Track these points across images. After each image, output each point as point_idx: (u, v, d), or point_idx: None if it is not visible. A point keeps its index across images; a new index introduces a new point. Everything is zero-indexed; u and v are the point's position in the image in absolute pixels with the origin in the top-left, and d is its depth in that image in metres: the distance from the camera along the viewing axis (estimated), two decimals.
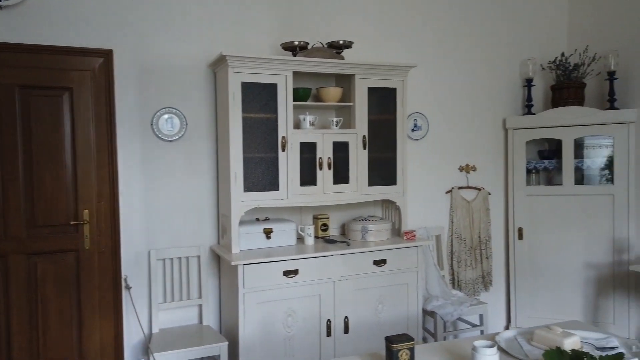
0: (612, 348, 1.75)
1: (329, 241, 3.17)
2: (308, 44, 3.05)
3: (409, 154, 3.57)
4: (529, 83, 3.76)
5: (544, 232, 3.71)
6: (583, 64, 3.59)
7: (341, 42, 3.08)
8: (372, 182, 3.20)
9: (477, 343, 1.57)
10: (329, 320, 2.92)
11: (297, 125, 3.06)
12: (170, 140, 3.02)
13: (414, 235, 3.22)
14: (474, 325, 3.44)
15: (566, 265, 3.65)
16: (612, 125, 3.46)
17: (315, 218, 3.31)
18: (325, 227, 3.30)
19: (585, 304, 3.61)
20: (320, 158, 3.04)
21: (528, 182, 3.78)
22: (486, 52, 3.82)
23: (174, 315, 3.07)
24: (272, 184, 2.93)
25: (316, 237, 3.27)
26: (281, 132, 2.93)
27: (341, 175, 3.12)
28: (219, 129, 3.06)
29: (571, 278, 3.64)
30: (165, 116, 3.00)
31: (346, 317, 2.97)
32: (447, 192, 3.77)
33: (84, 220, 2.76)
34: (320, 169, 3.04)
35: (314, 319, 2.90)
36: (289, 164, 2.94)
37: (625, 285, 3.46)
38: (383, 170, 3.27)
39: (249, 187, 2.88)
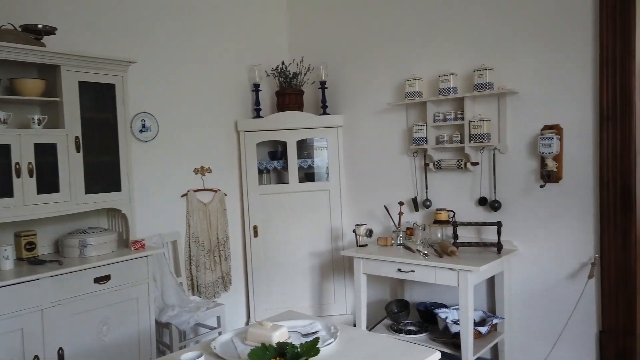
0: (315, 333, 1.92)
1: (36, 262, 2.67)
2: None
3: (138, 157, 3.32)
4: (256, 88, 3.96)
5: (276, 228, 3.96)
6: (300, 73, 3.97)
7: (40, 26, 2.62)
8: (91, 189, 2.83)
9: (184, 356, 1.49)
10: (36, 357, 2.45)
11: None
12: None
13: (144, 245, 2.99)
14: (213, 328, 3.43)
15: (295, 256, 3.97)
16: (326, 129, 3.92)
17: (18, 236, 2.74)
18: (31, 246, 2.76)
19: (312, 290, 4.01)
20: (17, 163, 2.51)
21: (260, 182, 3.98)
22: (216, 54, 3.84)
23: None
24: None
25: (20, 259, 2.72)
26: None
27: (48, 183, 2.66)
28: None
29: (300, 267, 3.99)
30: None
31: (60, 348, 2.55)
32: (182, 196, 3.64)
33: None
34: (18, 176, 2.52)
35: (14, 359, 2.38)
36: None
37: (342, 269, 3.98)
38: (104, 175, 2.93)
39: None
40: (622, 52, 2.72)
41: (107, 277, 2.74)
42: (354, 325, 3.57)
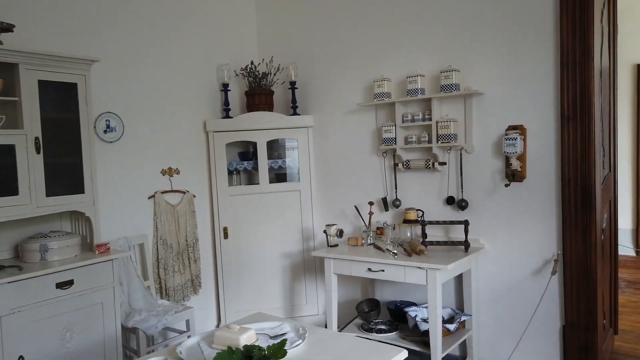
0: (283, 334, 1.91)
1: None
2: None
3: (102, 158, 3.23)
4: (225, 88, 3.91)
5: (246, 229, 3.92)
6: (270, 73, 3.94)
7: None
8: (52, 191, 2.74)
9: None
10: None
11: None
12: None
13: (109, 248, 2.91)
14: (182, 332, 3.37)
15: (266, 257, 3.95)
16: (296, 129, 3.91)
17: None
18: None
19: (283, 291, 3.99)
20: None
21: (230, 183, 3.93)
22: (183, 53, 3.78)
23: None
24: None
25: None
26: None
27: (7, 186, 2.56)
28: None
29: (271, 268, 3.96)
30: None
31: (21, 357, 2.46)
32: (149, 197, 3.57)
33: None
34: None
35: None
36: None
37: (313, 269, 3.98)
38: (67, 177, 2.85)
39: None
40: (581, 55, 2.81)
41: (70, 282, 2.66)
42: (325, 326, 3.58)
